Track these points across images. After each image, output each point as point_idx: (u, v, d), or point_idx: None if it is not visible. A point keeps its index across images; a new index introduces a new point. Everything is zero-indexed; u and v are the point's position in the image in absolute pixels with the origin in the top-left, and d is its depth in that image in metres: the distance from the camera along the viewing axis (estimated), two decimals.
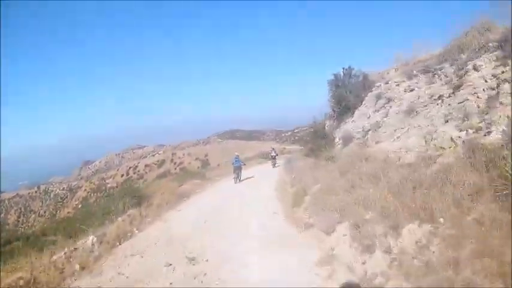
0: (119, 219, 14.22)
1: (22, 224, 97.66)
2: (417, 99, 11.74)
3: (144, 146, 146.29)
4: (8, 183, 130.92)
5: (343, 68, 17.80)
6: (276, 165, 29.13)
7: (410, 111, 11.50)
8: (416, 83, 12.65)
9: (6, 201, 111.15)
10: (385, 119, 12.88)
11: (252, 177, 23.68)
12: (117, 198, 16.77)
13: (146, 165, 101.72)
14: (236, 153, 23.41)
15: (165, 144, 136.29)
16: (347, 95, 17.01)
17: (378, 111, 13.94)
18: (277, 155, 31.65)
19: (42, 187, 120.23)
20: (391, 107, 13.02)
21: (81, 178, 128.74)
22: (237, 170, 21.96)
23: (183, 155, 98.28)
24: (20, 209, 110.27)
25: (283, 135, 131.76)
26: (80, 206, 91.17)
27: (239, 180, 21.88)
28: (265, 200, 14.86)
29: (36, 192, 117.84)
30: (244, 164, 24.44)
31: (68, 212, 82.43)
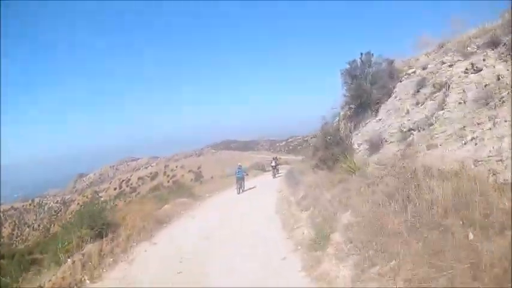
0: (69, 260, 10.02)
1: (16, 238, 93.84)
2: (495, 81, 7.53)
3: (138, 158, 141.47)
4: (8, 190, 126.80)
5: (361, 54, 13.57)
6: (277, 175, 27.13)
7: (488, 99, 7.27)
8: (483, 60, 8.46)
9: (1, 214, 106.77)
10: (440, 112, 8.61)
11: (252, 188, 22.16)
12: (74, 228, 12.34)
13: (139, 178, 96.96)
14: (239, 164, 22.74)
15: (159, 156, 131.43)
16: (367, 87, 12.81)
17: (423, 103, 9.79)
18: (278, 164, 30.07)
19: (37, 200, 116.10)
20: (447, 95, 8.77)
21: (75, 191, 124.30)
22: (240, 180, 21.15)
23: (176, 167, 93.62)
24: (15, 221, 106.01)
25: (277, 145, 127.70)
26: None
27: (242, 191, 20.96)
28: (267, 230, 10.61)
29: (30, 205, 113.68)
30: (247, 174, 24.28)
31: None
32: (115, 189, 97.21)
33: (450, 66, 9.55)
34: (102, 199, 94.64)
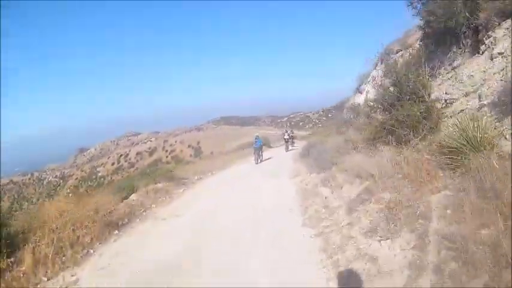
0: None
1: (15, 211, 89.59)
2: None
3: (139, 133, 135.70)
4: (8, 166, 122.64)
5: None
6: (290, 148, 24.87)
7: None
8: None
9: (0, 188, 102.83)
10: None
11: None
12: None
13: (137, 153, 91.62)
14: (256, 134, 21.39)
15: (159, 131, 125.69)
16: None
17: None
18: (292, 137, 27.95)
19: (36, 174, 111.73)
20: None
21: (76, 165, 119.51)
22: (258, 150, 19.92)
23: (175, 142, 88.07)
24: (14, 195, 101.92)
25: (278, 121, 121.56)
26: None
27: (260, 161, 19.71)
28: None
29: (29, 179, 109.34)
30: (265, 144, 23.50)
31: (59, 201, 73.67)
32: (113, 164, 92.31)
33: None
34: (99, 174, 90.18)
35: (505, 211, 3.46)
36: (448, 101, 6.97)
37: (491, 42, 6.81)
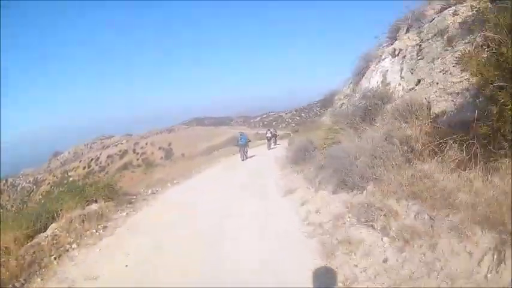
0: None
1: None
2: None
3: (112, 136, 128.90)
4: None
5: None
6: (272, 146, 24.61)
7: None
8: None
9: None
10: None
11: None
12: None
13: (108, 156, 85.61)
14: (240, 132, 22.23)
15: (132, 133, 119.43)
16: None
17: None
18: (273, 135, 26.53)
19: (10, 180, 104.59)
20: None
21: (49, 170, 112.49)
22: (243, 147, 19.60)
23: (146, 144, 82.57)
24: None
25: (251, 121, 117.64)
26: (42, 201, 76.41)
27: (246, 157, 19.41)
28: None
29: (4, 185, 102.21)
30: (250, 141, 22.62)
31: (32, 208, 68.00)
32: (84, 168, 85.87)
33: None
34: (71, 179, 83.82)
35: None
36: None
37: None
